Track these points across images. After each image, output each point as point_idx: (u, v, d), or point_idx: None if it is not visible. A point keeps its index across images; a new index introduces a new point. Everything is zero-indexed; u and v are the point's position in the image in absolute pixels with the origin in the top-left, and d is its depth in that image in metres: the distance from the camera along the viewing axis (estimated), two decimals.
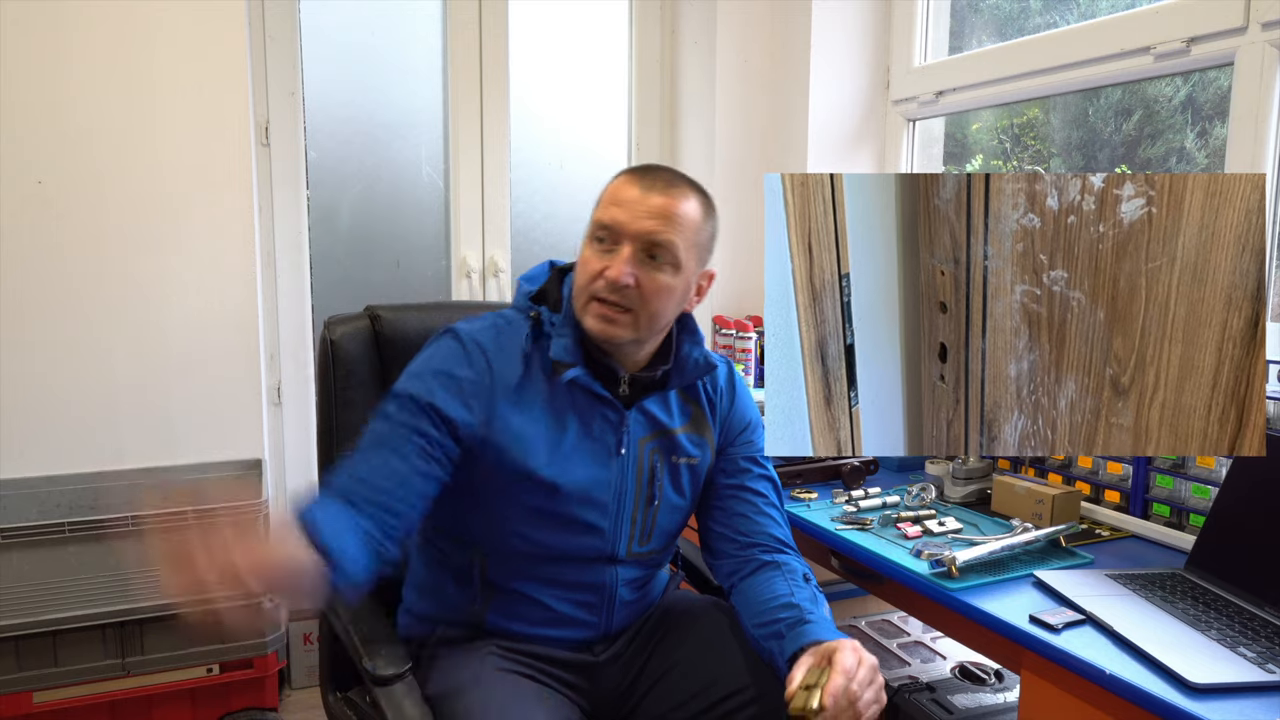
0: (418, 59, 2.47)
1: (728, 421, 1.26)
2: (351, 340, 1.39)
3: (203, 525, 0.84)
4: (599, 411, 1.16)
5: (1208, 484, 1.31)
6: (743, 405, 1.29)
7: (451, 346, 1.14)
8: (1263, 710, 0.89)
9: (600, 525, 1.16)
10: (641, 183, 1.10)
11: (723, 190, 2.56)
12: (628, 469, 1.17)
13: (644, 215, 1.08)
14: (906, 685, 1.57)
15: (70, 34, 1.92)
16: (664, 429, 1.20)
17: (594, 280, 1.09)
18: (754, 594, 1.15)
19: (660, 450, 1.19)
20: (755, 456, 1.27)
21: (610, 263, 1.08)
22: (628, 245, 1.08)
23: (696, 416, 1.23)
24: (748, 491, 1.24)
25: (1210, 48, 1.59)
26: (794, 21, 2.42)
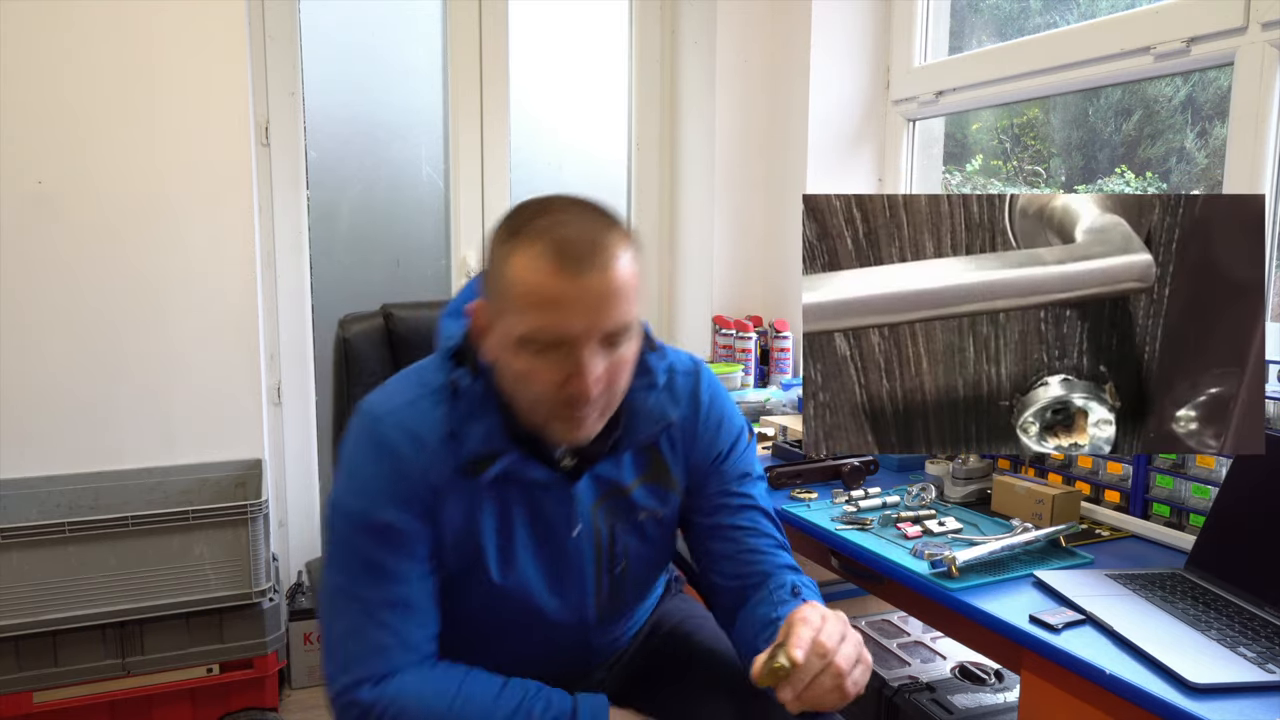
0: (418, 59, 2.47)
1: (693, 457, 1.11)
2: (365, 339, 1.40)
3: None
4: (543, 494, 1.02)
5: (1208, 484, 1.31)
6: (712, 430, 1.11)
7: (376, 447, 0.97)
8: (1263, 710, 0.89)
9: (561, 619, 1.06)
10: (566, 266, 0.88)
11: (723, 190, 2.56)
12: (583, 544, 1.05)
13: (592, 310, 0.89)
14: (906, 685, 1.57)
15: (70, 34, 1.92)
16: (617, 488, 1.06)
17: (553, 394, 0.92)
18: (743, 630, 1.06)
19: (616, 511, 1.06)
20: (730, 489, 1.11)
21: (568, 372, 0.90)
22: (585, 350, 0.90)
23: (655, 464, 1.09)
24: (729, 530, 1.10)
25: (1210, 48, 1.59)
26: (794, 21, 2.42)
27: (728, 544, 1.10)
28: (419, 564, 0.98)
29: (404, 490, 0.96)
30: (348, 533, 0.97)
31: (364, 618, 0.96)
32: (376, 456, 0.97)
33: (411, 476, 0.96)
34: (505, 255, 0.91)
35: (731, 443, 1.12)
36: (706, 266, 2.62)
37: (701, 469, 1.11)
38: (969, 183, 2.40)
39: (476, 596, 1.02)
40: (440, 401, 0.99)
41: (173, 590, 1.87)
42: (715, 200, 2.56)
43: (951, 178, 2.42)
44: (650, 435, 1.07)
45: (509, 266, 0.90)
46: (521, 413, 0.97)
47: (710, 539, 1.11)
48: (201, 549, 1.89)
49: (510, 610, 1.03)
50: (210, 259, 2.08)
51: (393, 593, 0.96)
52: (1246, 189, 1.53)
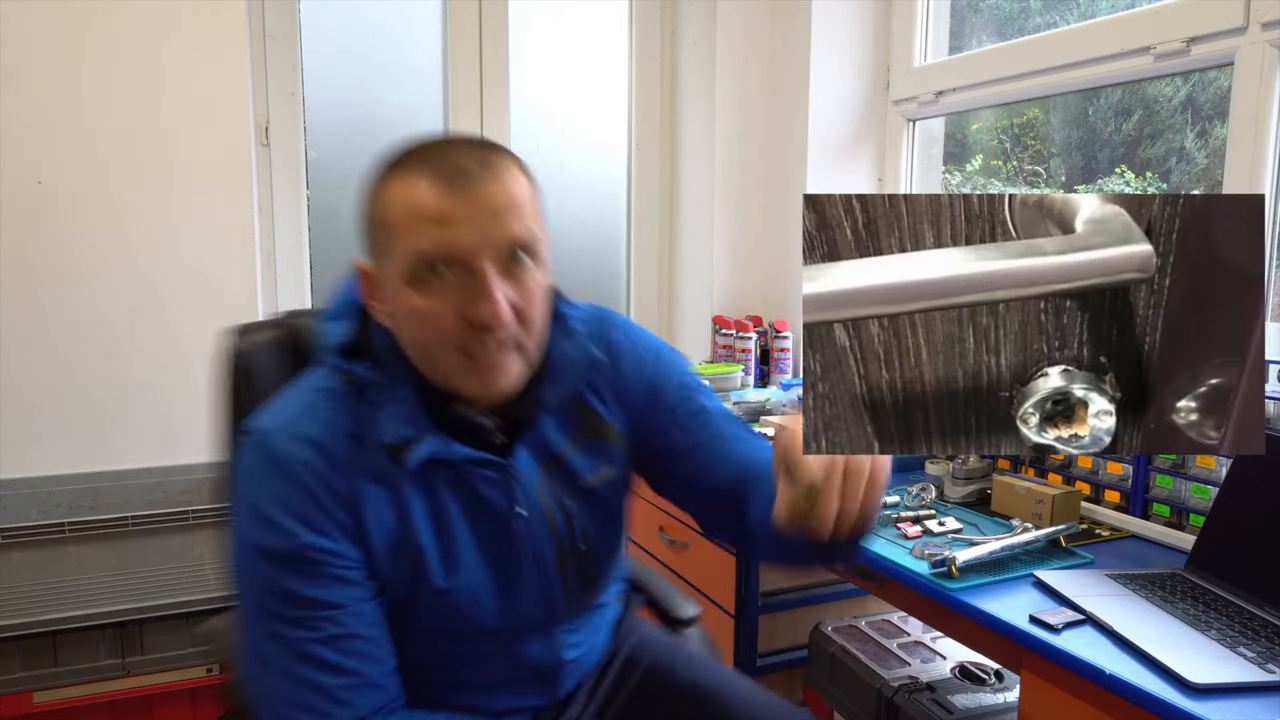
0: (418, 59, 2.47)
1: (628, 396, 1.00)
2: (264, 353, 1.14)
3: None
4: (477, 476, 0.90)
5: (1208, 484, 1.31)
6: (635, 362, 1.01)
7: (275, 468, 0.84)
8: (1263, 710, 0.89)
9: (522, 620, 0.95)
10: (453, 179, 0.81)
11: (723, 190, 2.56)
12: (536, 527, 0.93)
13: (484, 221, 0.80)
14: (906, 685, 1.57)
15: (70, 34, 1.92)
16: (555, 456, 0.95)
17: (459, 332, 0.82)
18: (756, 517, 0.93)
19: (562, 483, 0.95)
20: (679, 409, 1.01)
21: (469, 301, 0.81)
22: (485, 265, 0.80)
23: (587, 419, 0.98)
24: (698, 448, 1.00)
25: (1210, 48, 1.59)
26: (794, 21, 2.42)
27: (704, 459, 1.00)
28: (357, 589, 0.85)
29: (318, 508, 0.83)
30: (264, 574, 0.83)
31: (309, 667, 0.82)
32: (277, 477, 0.84)
33: (323, 491, 0.84)
34: (383, 191, 0.84)
35: (659, 364, 1.03)
36: (706, 266, 2.62)
37: (641, 404, 1.01)
38: (969, 183, 2.40)
39: (426, 613, 0.90)
40: (338, 403, 0.87)
41: (173, 590, 1.87)
42: (715, 200, 2.56)
43: (951, 178, 2.42)
44: (577, 382, 0.96)
45: (389, 199, 0.83)
46: (434, 373, 0.86)
47: (683, 464, 1.00)
48: (201, 549, 1.89)
49: (464, 621, 0.91)
50: (210, 259, 2.08)
51: (336, 629, 0.83)
52: (1246, 189, 1.53)
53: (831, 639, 1.76)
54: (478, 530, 0.91)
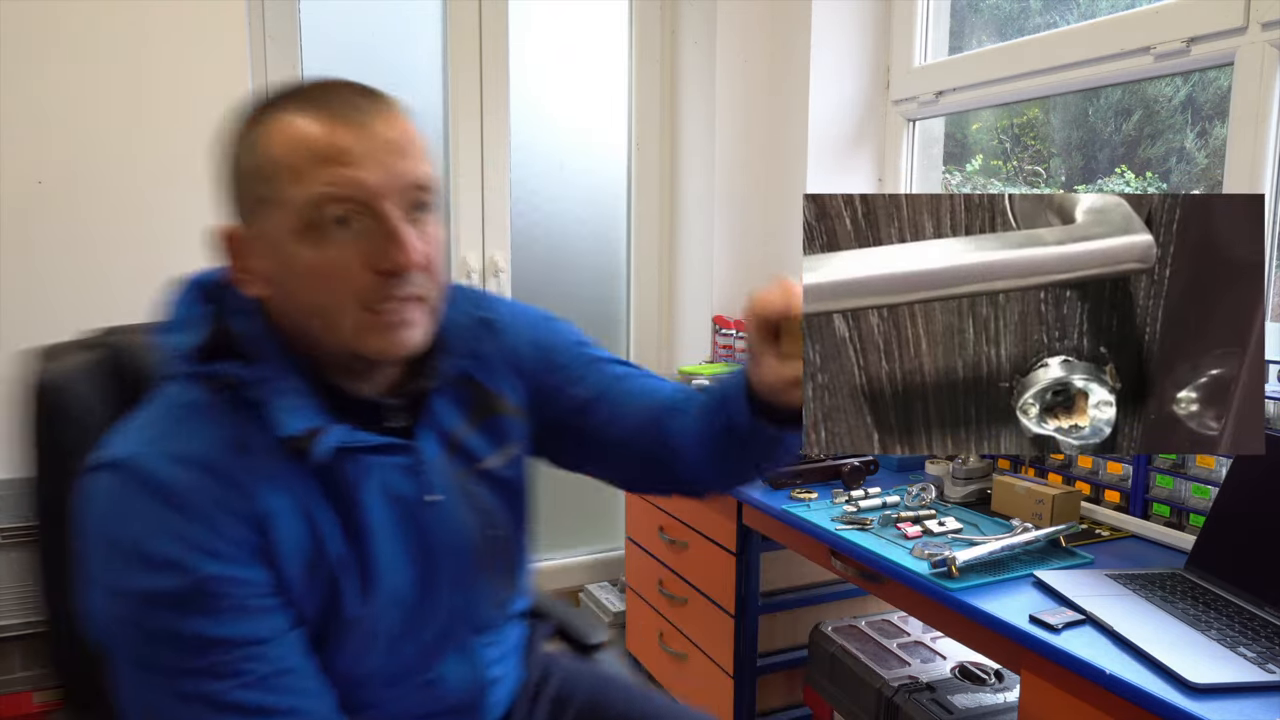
0: (418, 59, 2.47)
1: (522, 364, 0.95)
2: (82, 380, 0.96)
3: None
4: (386, 464, 0.81)
5: (1208, 484, 1.31)
6: (520, 328, 0.96)
7: (149, 494, 0.71)
8: (1263, 710, 0.89)
9: (450, 620, 0.87)
10: (345, 113, 0.73)
11: (723, 190, 2.56)
12: (451, 514, 0.86)
13: (385, 158, 0.73)
14: (906, 685, 1.57)
15: (70, 34, 1.92)
16: (451, 439, 0.88)
17: (364, 283, 0.73)
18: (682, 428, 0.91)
19: (462, 467, 0.88)
20: (577, 363, 0.97)
21: (376, 247, 0.73)
22: (390, 209, 0.73)
23: (479, 395, 0.90)
24: (608, 395, 0.96)
25: (1210, 48, 1.59)
26: (794, 21, 2.42)
27: (611, 405, 0.95)
28: (277, 617, 0.74)
29: (214, 532, 0.71)
30: (155, 624, 0.69)
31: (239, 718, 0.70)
32: (156, 506, 0.70)
33: (218, 511, 0.71)
34: (259, 136, 0.74)
35: (547, 328, 0.99)
36: (706, 266, 2.62)
37: (535, 370, 0.95)
38: (969, 183, 2.40)
39: (342, 640, 0.79)
40: (209, 413, 0.75)
41: None
42: (715, 200, 2.56)
43: (951, 178, 2.42)
44: (473, 346, 0.90)
45: (268, 143, 0.73)
46: (333, 339, 0.76)
47: (591, 417, 0.95)
48: None
49: (383, 642, 0.81)
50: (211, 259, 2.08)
51: (265, 668, 0.72)
52: (1246, 189, 1.53)
53: (831, 639, 1.76)
54: (393, 525, 0.81)
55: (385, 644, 0.82)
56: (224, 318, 0.80)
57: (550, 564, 2.83)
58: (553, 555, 2.85)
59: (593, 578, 2.79)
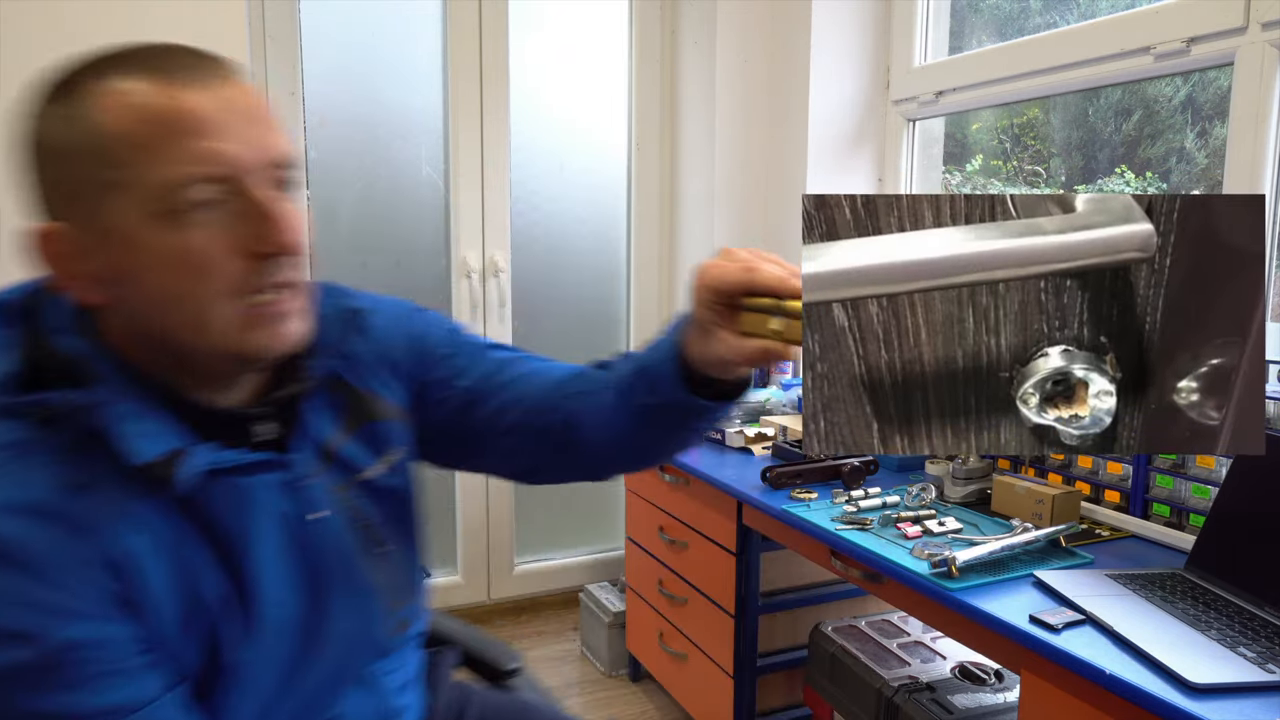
0: (418, 59, 2.47)
1: (399, 360, 0.87)
2: None
3: None
4: (260, 483, 0.72)
5: (1208, 484, 1.31)
6: (390, 321, 0.88)
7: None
8: (1263, 710, 0.89)
9: (345, 644, 0.78)
10: (187, 78, 0.63)
11: (723, 189, 2.56)
12: (336, 532, 0.77)
13: (247, 125, 0.64)
14: (906, 685, 1.57)
15: (69, 34, 1.92)
16: (327, 450, 0.79)
17: (237, 271, 0.64)
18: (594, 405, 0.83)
19: (341, 479, 0.79)
20: (455, 353, 0.89)
21: (249, 229, 0.64)
22: (258, 185, 0.65)
23: (353, 399, 0.81)
24: (493, 368, 0.89)
25: (1210, 48, 1.59)
26: (794, 21, 2.42)
27: (504, 390, 0.87)
28: (151, 676, 0.64)
29: (65, 589, 0.61)
30: (11, 705, 0.60)
31: None
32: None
33: (67, 564, 0.61)
34: (76, 111, 0.62)
35: (417, 319, 0.91)
36: None
37: (411, 365, 0.87)
38: (969, 183, 2.40)
39: (234, 683, 0.70)
40: (37, 453, 0.63)
41: None
42: (715, 200, 2.56)
43: (951, 178, 2.42)
44: (344, 343, 0.81)
45: (103, 118, 0.61)
46: (195, 341, 0.66)
47: (483, 407, 0.87)
48: None
49: (280, 680, 0.73)
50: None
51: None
52: (1246, 189, 1.53)
53: (831, 639, 1.76)
54: (276, 551, 0.72)
55: (278, 685, 0.73)
56: (42, 338, 0.68)
57: (550, 564, 2.83)
58: (553, 555, 2.85)
59: (593, 578, 2.79)
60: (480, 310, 2.60)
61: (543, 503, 2.81)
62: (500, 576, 2.76)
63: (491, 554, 2.73)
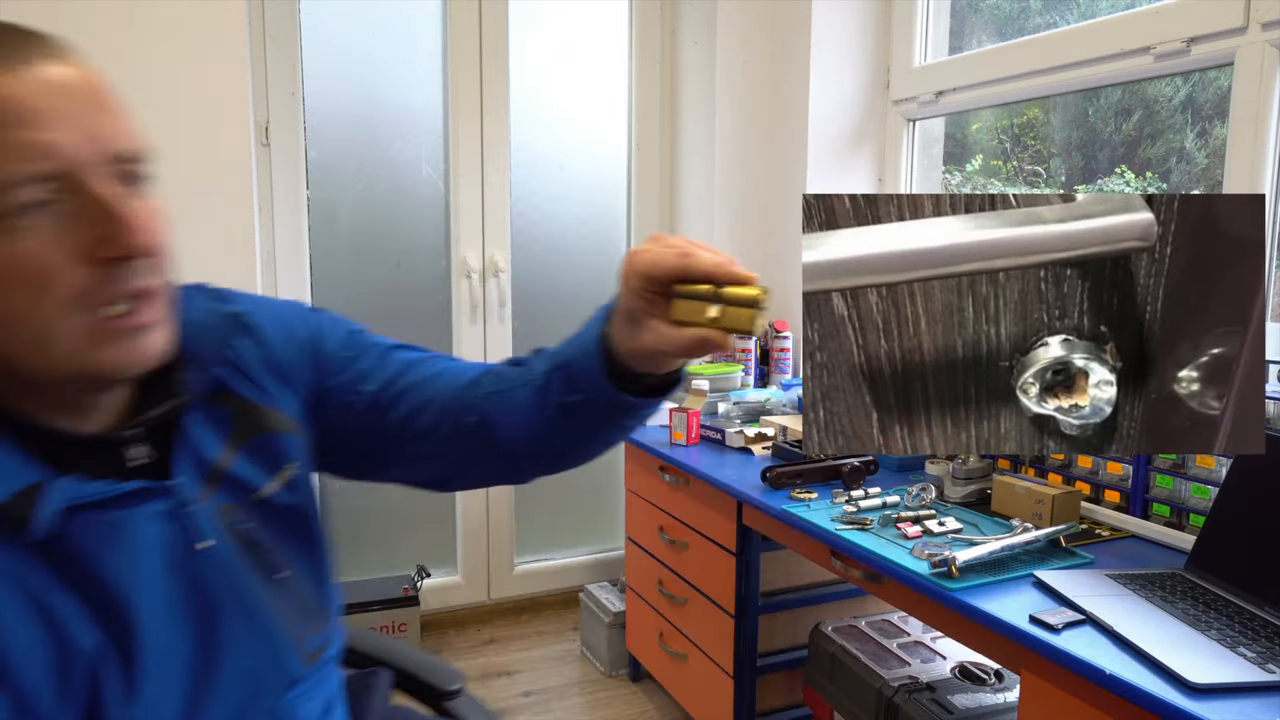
0: (418, 59, 2.48)
1: (290, 367, 0.79)
2: None
3: None
4: (137, 515, 0.64)
5: (1208, 484, 1.31)
6: (278, 324, 0.79)
7: None
8: (1263, 710, 0.89)
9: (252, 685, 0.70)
10: (5, 61, 0.56)
11: (723, 190, 2.56)
12: (228, 561, 0.69)
13: (82, 112, 0.58)
14: (906, 685, 1.57)
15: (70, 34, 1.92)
16: (212, 469, 0.71)
17: (80, 281, 0.57)
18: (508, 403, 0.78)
19: (230, 501, 0.71)
20: (356, 343, 0.83)
21: (92, 230, 0.57)
22: (99, 180, 0.58)
23: (241, 410, 0.74)
24: (399, 369, 0.82)
25: (1210, 48, 1.59)
26: (794, 21, 2.42)
27: (414, 393, 0.81)
28: None
29: None
30: None
31: None
32: None
33: None
34: None
35: (310, 320, 0.83)
36: None
37: (306, 371, 0.80)
38: (969, 183, 2.40)
39: None
40: None
41: None
42: (715, 200, 2.56)
43: (951, 178, 2.42)
44: (224, 349, 0.73)
45: None
46: (36, 362, 0.59)
47: (391, 413, 0.81)
48: None
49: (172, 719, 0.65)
50: (210, 259, 2.08)
51: None
52: (1246, 189, 1.53)
53: (831, 639, 1.76)
54: (159, 591, 0.64)
55: None
56: None
57: (550, 564, 2.83)
58: (553, 555, 2.85)
59: (593, 578, 2.79)
60: (480, 310, 2.60)
61: (543, 503, 2.81)
62: (500, 576, 2.76)
63: (491, 554, 2.73)
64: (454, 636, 2.64)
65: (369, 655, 1.03)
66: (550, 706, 2.27)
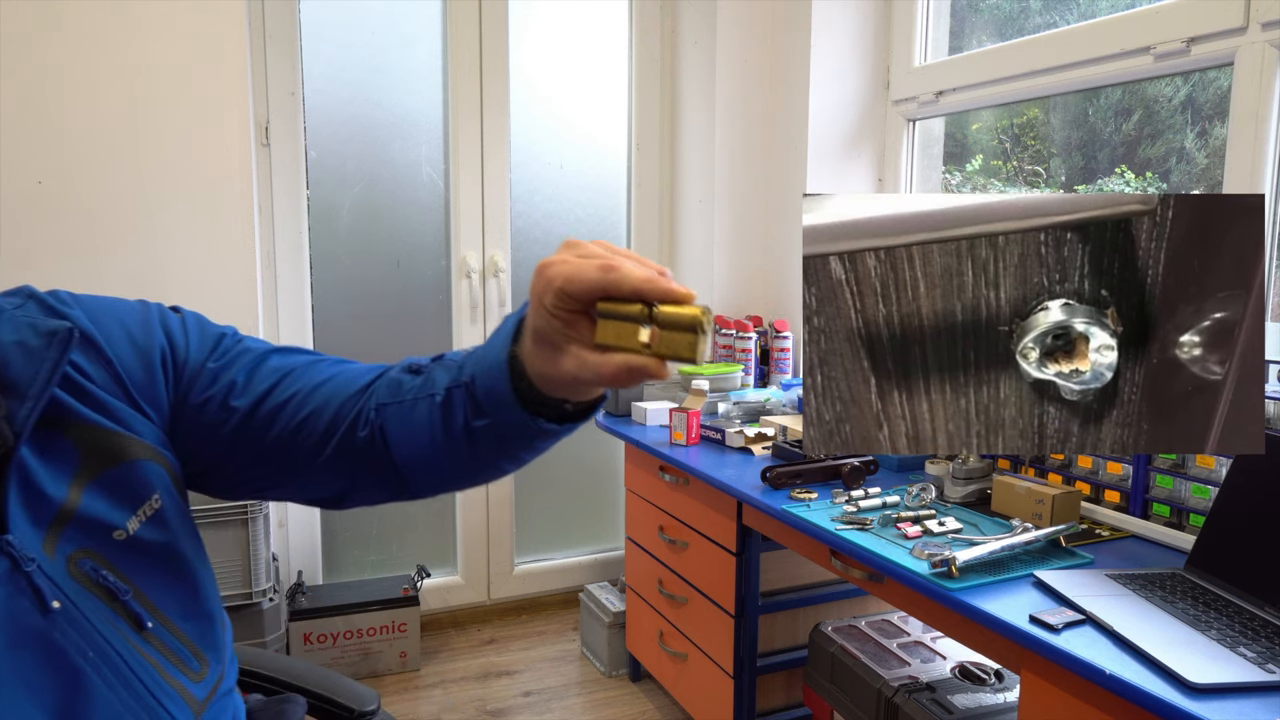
0: (418, 59, 2.48)
1: (134, 382, 0.68)
2: None
3: None
4: None
5: (1208, 484, 1.31)
6: (124, 330, 0.69)
7: None
8: (1263, 710, 0.89)
9: None
10: None
11: (723, 190, 2.56)
12: (85, 618, 0.61)
13: None
14: (906, 685, 1.57)
15: (70, 34, 1.92)
16: (57, 512, 0.62)
17: None
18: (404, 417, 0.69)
19: (82, 545, 0.63)
20: (218, 348, 0.73)
21: None
22: None
23: (86, 438, 0.64)
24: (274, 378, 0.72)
25: (1210, 48, 1.59)
26: (794, 21, 2.42)
27: (292, 403, 0.71)
28: None
29: None
30: None
31: None
32: None
33: None
34: None
35: (159, 324, 0.72)
36: (706, 266, 2.62)
37: (168, 382, 0.71)
38: (969, 183, 2.40)
39: None
40: None
41: None
42: (715, 200, 2.56)
43: (951, 178, 2.42)
44: (51, 378, 0.62)
45: None
46: None
47: (270, 427, 0.71)
48: None
49: None
50: (210, 259, 2.08)
51: None
52: (1246, 189, 1.53)
53: (831, 639, 1.76)
54: (5, 668, 0.57)
55: None
56: None
57: (550, 564, 2.84)
58: (553, 555, 2.85)
59: (593, 578, 2.79)
60: (480, 310, 2.60)
61: (543, 503, 2.81)
62: (500, 577, 2.76)
63: (492, 554, 2.73)
64: (454, 637, 2.65)
65: (279, 680, 0.98)
66: (550, 706, 2.27)
